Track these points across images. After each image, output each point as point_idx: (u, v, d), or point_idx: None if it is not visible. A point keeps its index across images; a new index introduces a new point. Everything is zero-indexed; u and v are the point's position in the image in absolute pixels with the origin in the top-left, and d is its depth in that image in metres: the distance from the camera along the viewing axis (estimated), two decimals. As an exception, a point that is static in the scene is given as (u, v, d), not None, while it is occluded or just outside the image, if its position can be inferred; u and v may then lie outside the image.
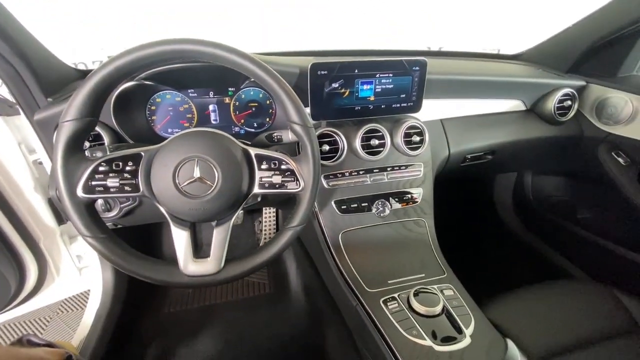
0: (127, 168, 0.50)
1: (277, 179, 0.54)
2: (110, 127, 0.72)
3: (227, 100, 0.81)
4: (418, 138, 0.83)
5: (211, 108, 0.81)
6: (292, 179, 0.54)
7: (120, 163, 0.50)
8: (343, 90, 0.76)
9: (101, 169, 0.49)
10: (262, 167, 0.54)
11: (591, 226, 1.20)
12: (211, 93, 0.80)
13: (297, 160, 0.55)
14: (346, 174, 0.81)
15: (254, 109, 0.83)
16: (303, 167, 0.54)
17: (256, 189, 0.54)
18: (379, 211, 0.83)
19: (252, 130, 0.85)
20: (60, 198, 0.48)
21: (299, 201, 0.56)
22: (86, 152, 0.53)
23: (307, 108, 0.68)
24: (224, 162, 0.51)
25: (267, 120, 0.85)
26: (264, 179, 0.54)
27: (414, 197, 0.86)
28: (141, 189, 0.50)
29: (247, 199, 0.55)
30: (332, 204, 0.80)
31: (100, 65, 0.48)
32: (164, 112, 0.79)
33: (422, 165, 0.87)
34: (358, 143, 0.79)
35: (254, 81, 0.75)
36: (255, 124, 0.84)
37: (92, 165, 0.48)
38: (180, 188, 0.50)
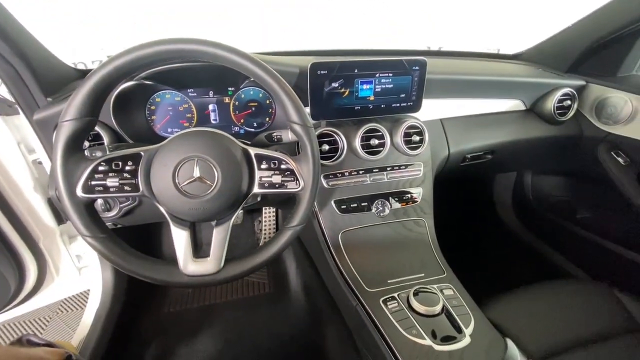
0: (127, 168, 0.50)
1: (277, 178, 0.54)
2: (110, 126, 0.72)
3: (226, 99, 0.81)
4: (418, 138, 0.83)
5: (211, 108, 0.81)
6: (292, 179, 0.54)
7: (120, 163, 0.50)
8: (343, 89, 0.76)
9: (101, 168, 0.49)
10: (262, 166, 0.54)
11: (591, 226, 1.20)
12: (211, 93, 0.80)
13: (297, 160, 0.55)
14: (346, 174, 0.81)
15: (253, 108, 0.83)
16: (303, 166, 0.54)
17: (256, 188, 0.54)
18: (378, 211, 0.83)
19: (252, 129, 0.85)
20: (60, 198, 0.48)
21: (298, 201, 0.56)
22: (86, 151, 0.53)
23: (306, 108, 0.68)
24: (223, 162, 0.51)
25: (266, 120, 0.85)
26: (263, 179, 0.54)
27: (414, 197, 0.86)
28: (141, 189, 0.50)
29: (247, 198, 0.55)
30: (332, 203, 0.80)
31: (100, 65, 0.47)
32: (164, 111, 0.79)
33: (422, 165, 0.87)
34: (358, 143, 0.79)
35: (253, 81, 0.75)
36: (255, 124, 0.84)
37: (92, 165, 0.48)
38: (180, 188, 0.50)
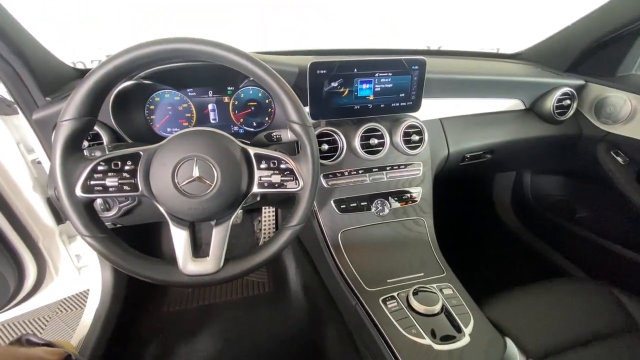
0: (126, 167, 0.50)
1: (277, 178, 0.54)
2: (109, 126, 0.72)
3: (226, 99, 0.81)
4: (417, 137, 0.83)
5: (210, 107, 0.81)
6: (292, 178, 0.54)
7: (119, 162, 0.50)
8: (342, 89, 0.76)
9: (100, 168, 0.49)
10: (262, 166, 0.54)
11: (590, 225, 1.20)
12: (210, 92, 0.80)
13: (297, 160, 0.55)
14: (345, 173, 0.81)
15: (253, 108, 0.83)
16: (302, 166, 0.54)
17: (255, 188, 0.54)
18: (378, 210, 0.83)
19: (252, 129, 0.84)
20: (59, 197, 0.48)
21: (298, 200, 0.55)
22: (85, 151, 0.53)
23: (306, 107, 0.67)
24: (223, 162, 0.51)
25: (266, 119, 0.85)
26: (263, 178, 0.54)
27: (413, 197, 0.86)
28: (140, 189, 0.50)
29: (247, 198, 0.55)
30: (332, 203, 0.80)
31: (99, 65, 0.47)
32: (163, 111, 0.79)
33: (421, 165, 0.87)
34: (357, 142, 0.79)
35: (253, 80, 0.75)
36: (254, 123, 0.84)
37: (91, 164, 0.48)
38: (180, 187, 0.50)
